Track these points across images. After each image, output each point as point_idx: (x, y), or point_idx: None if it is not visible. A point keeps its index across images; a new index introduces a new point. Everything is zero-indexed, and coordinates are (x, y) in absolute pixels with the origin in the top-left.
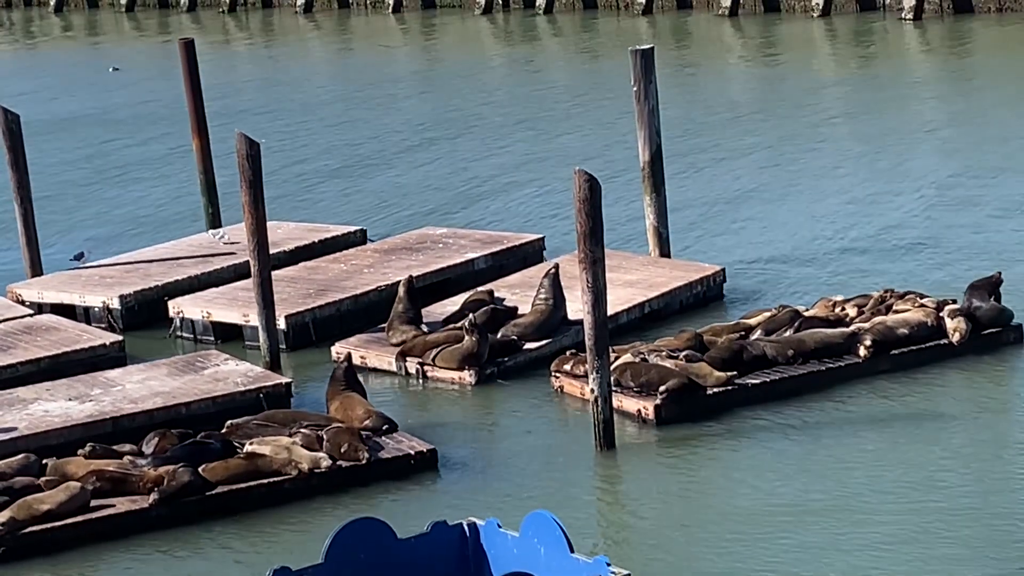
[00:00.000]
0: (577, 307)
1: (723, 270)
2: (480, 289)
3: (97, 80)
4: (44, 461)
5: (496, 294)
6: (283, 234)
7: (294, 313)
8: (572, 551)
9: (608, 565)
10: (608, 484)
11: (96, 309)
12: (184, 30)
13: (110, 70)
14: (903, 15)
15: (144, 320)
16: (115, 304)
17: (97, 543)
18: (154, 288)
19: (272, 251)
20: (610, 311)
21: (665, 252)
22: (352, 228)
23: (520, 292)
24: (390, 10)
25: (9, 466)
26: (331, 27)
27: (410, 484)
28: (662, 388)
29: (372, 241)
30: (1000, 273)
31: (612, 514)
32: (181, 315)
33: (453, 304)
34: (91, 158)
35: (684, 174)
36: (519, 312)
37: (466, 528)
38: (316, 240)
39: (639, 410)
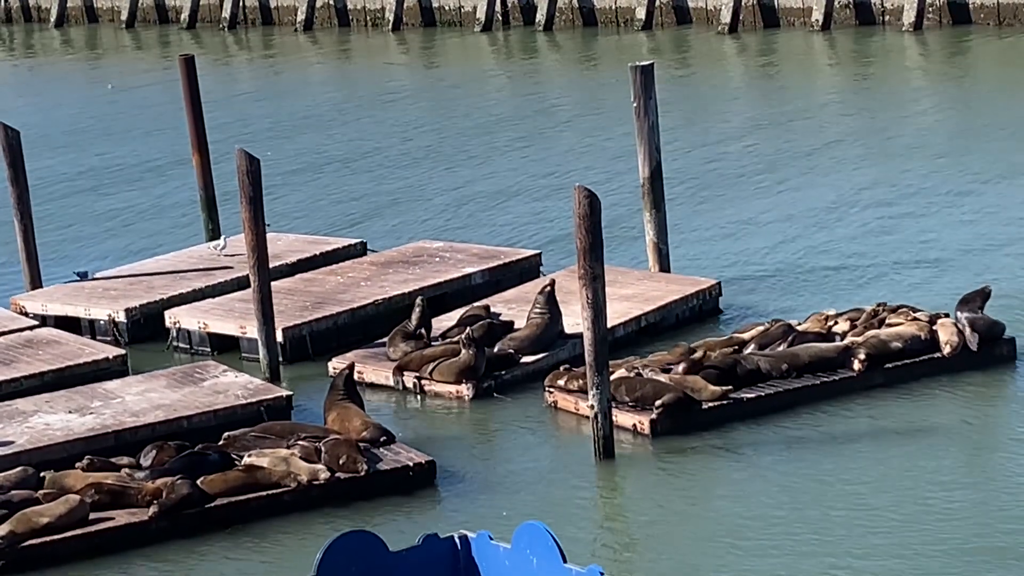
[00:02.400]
0: (574, 321)
1: (719, 284)
2: (476, 304)
3: (97, 96)
4: (42, 474)
5: (492, 309)
6: (283, 246)
7: (291, 326)
8: (565, 561)
9: (602, 574)
10: (605, 497)
11: (101, 322)
12: (184, 46)
13: (109, 87)
14: (903, 28)
15: (149, 333)
16: (121, 317)
17: (97, 556)
18: (159, 301)
19: (273, 263)
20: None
21: (665, 268)
22: (352, 240)
23: (517, 307)
24: (390, 27)
25: (7, 479)
26: (331, 44)
27: (408, 496)
28: (657, 403)
29: (373, 252)
30: (989, 286)
31: (608, 526)
32: (178, 326)
33: (449, 319)
34: (91, 173)
35: (683, 189)
36: (515, 326)
37: (457, 541)
38: (317, 252)
39: (634, 424)
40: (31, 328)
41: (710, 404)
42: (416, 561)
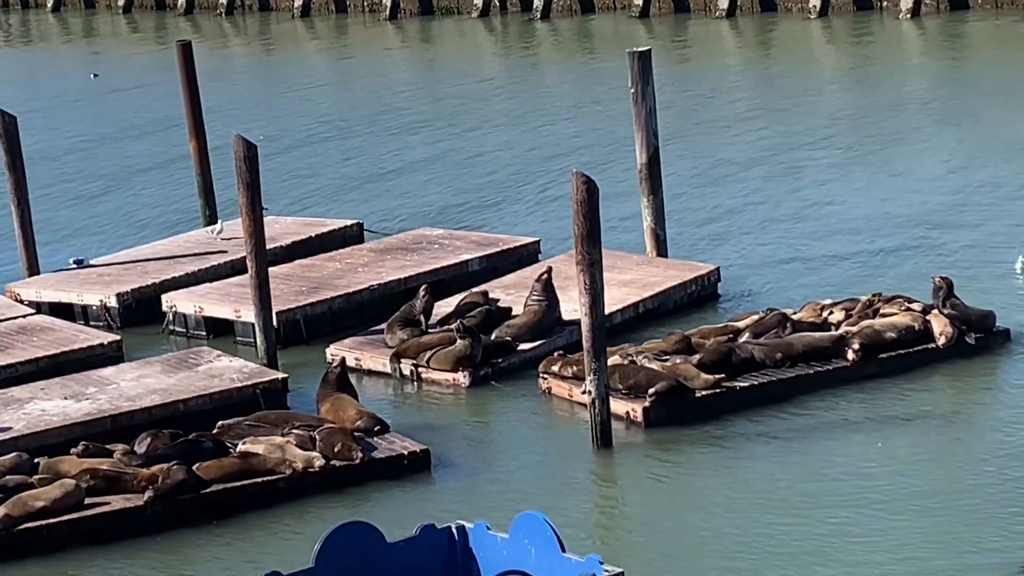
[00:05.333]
0: (572, 308)
1: (717, 269)
2: (475, 290)
3: (94, 82)
4: (36, 460)
5: (491, 295)
6: (280, 229)
7: (285, 310)
8: (563, 551)
9: (601, 564)
10: (601, 485)
11: (94, 307)
12: (181, 32)
13: (92, 76)
14: (900, 14)
15: (142, 318)
16: (112, 302)
17: (92, 541)
18: (151, 286)
19: (269, 246)
20: (605, 311)
21: (662, 253)
22: (348, 222)
23: (515, 293)
24: (387, 14)
25: (1, 464)
26: (328, 31)
27: (403, 484)
28: (651, 391)
29: (370, 233)
30: (935, 277)
31: (605, 514)
32: (174, 309)
33: (448, 305)
34: (88, 159)
35: (681, 175)
36: (513, 312)
37: (455, 531)
38: (313, 235)
39: (627, 412)
40: (25, 316)
41: (703, 392)
42: (414, 551)
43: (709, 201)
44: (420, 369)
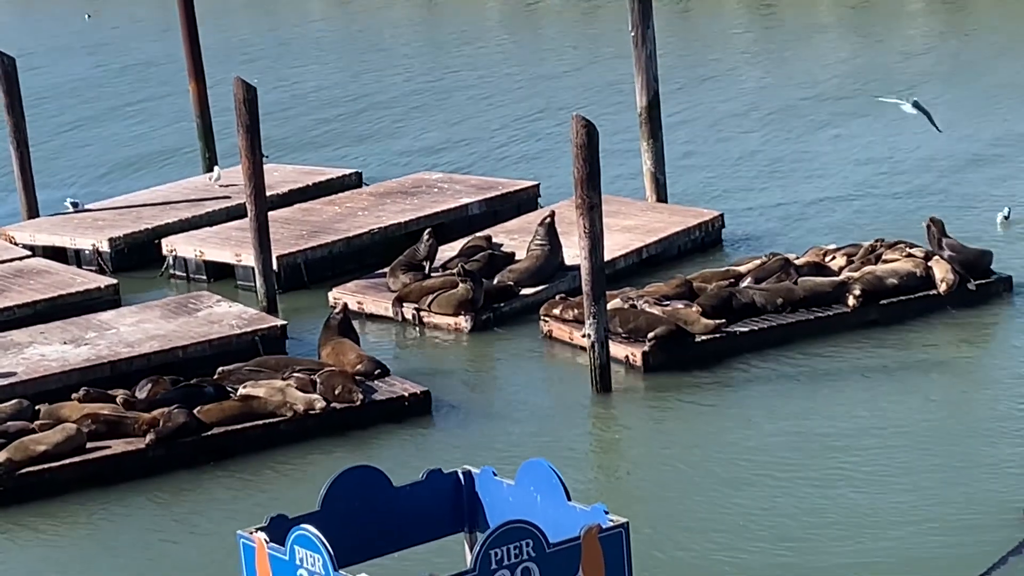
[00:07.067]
0: (574, 253)
1: (722, 215)
2: (478, 234)
3: (92, 25)
4: (37, 406)
5: (494, 239)
6: (279, 177)
7: (286, 254)
8: (569, 499)
9: (606, 513)
10: (601, 429)
11: (87, 252)
12: None
13: (86, 17)
14: None
15: (135, 262)
16: (105, 247)
17: (94, 484)
18: (144, 231)
19: (267, 193)
20: (608, 256)
21: (662, 198)
22: (347, 171)
23: (519, 238)
24: None
25: (2, 411)
26: None
27: (404, 427)
28: (651, 335)
29: (367, 184)
30: (931, 216)
31: (603, 458)
32: (174, 254)
33: (451, 250)
34: (87, 102)
35: (682, 120)
36: (516, 257)
37: (461, 476)
38: (311, 183)
39: (627, 356)
40: (22, 258)
41: (703, 337)
42: (420, 496)
43: (712, 147)
44: (422, 313)
